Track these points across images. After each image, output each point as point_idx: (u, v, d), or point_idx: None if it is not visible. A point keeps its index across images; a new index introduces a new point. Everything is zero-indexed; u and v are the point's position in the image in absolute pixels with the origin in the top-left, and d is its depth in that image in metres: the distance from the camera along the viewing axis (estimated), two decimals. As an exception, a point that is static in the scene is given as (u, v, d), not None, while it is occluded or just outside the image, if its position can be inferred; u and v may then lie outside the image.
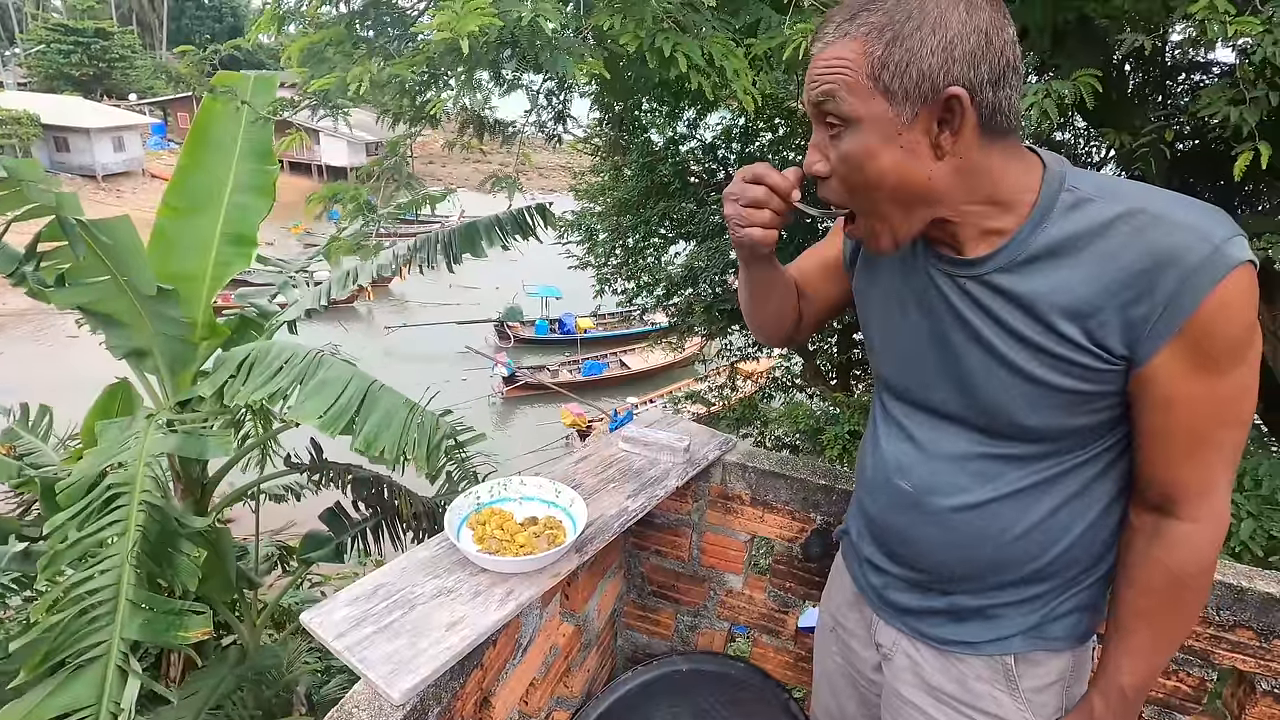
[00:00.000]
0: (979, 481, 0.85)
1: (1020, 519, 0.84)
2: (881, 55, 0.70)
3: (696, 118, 6.85)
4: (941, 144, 0.73)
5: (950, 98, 0.70)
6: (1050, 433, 0.81)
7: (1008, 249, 0.78)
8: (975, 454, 0.85)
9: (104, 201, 23.15)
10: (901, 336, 0.91)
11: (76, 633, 2.33)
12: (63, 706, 2.21)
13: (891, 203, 0.76)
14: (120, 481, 2.73)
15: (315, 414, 2.71)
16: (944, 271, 0.83)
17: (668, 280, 7.41)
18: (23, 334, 16.38)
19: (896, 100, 0.71)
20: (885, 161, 0.73)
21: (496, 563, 0.96)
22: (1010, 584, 0.88)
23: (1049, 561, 0.86)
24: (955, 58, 0.69)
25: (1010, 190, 0.77)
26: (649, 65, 2.41)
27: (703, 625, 1.55)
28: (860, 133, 0.73)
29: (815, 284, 1.07)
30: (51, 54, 31.63)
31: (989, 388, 0.81)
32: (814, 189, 0.85)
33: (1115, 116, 3.24)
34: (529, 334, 17.97)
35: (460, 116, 3.19)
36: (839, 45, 0.73)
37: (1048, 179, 0.77)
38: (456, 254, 3.94)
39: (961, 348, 0.83)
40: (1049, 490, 0.83)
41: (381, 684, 0.79)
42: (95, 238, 3.01)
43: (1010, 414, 0.81)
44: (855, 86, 0.72)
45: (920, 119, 0.71)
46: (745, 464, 1.38)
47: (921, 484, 0.89)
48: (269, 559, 5.03)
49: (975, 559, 0.88)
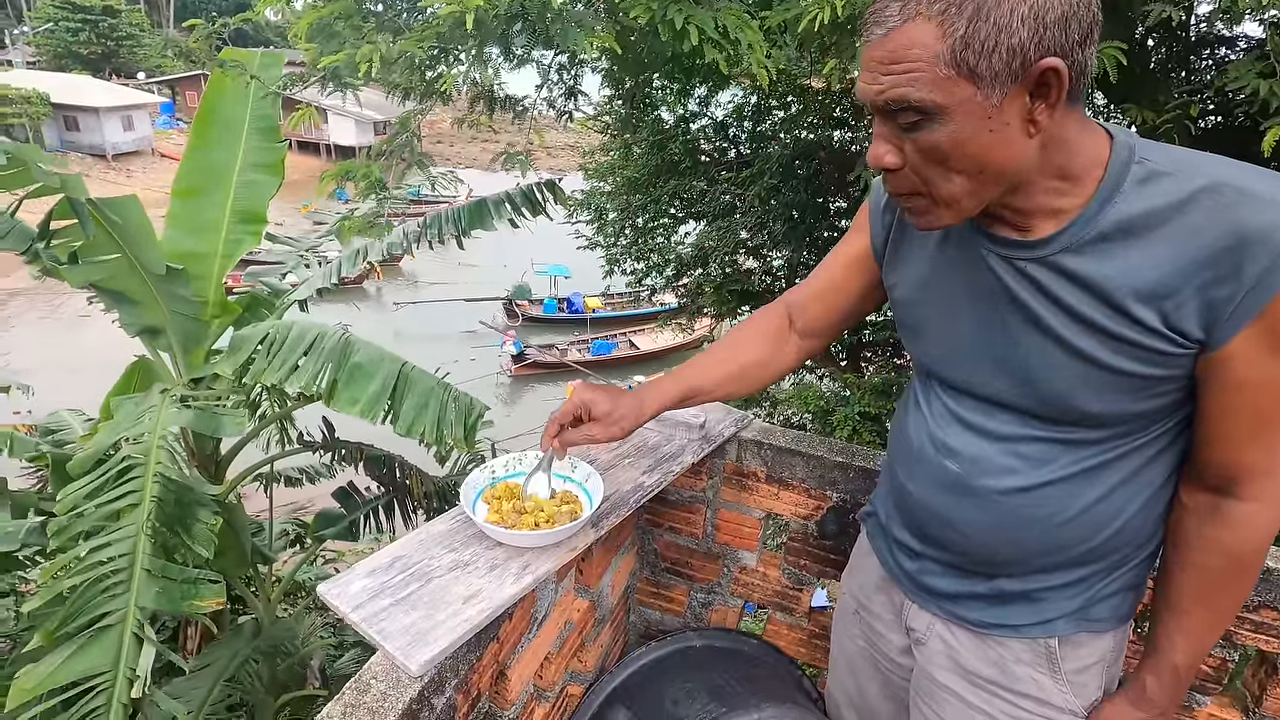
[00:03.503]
0: (1030, 465, 0.82)
1: (1072, 503, 0.81)
2: (964, 35, 0.62)
3: (708, 95, 6.76)
4: (1037, 119, 0.66)
5: (1046, 70, 0.63)
6: (1112, 418, 0.77)
7: (1073, 228, 0.72)
8: (1028, 436, 0.82)
9: (114, 181, 23.21)
10: (948, 324, 0.86)
11: (92, 600, 2.36)
12: (80, 672, 2.24)
13: (970, 185, 0.70)
14: (135, 454, 2.76)
15: (353, 402, 2.69)
16: (999, 254, 0.78)
17: (677, 260, 7.36)
18: (37, 312, 16.51)
19: (984, 83, 0.63)
20: (975, 148, 0.67)
21: (512, 536, 0.96)
22: (1058, 567, 0.86)
23: (1098, 544, 0.83)
24: (1048, 23, 0.62)
25: (1082, 163, 0.71)
26: (661, 38, 2.36)
27: (716, 602, 1.55)
28: (944, 123, 0.66)
29: (841, 283, 1.03)
30: (60, 32, 31.60)
31: (1049, 375, 0.77)
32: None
33: (1138, 92, 3.17)
34: (537, 313, 17.97)
35: (470, 93, 3.15)
36: (908, 29, 0.64)
37: (1116, 150, 0.71)
38: (465, 229, 3.92)
39: (1019, 334, 0.78)
40: (1103, 474, 0.80)
41: (399, 655, 0.79)
42: (105, 216, 3.01)
43: (1072, 401, 0.77)
44: (934, 79, 0.64)
45: (1011, 97, 0.64)
46: (761, 441, 1.37)
47: (969, 466, 0.86)
48: (284, 535, 5.10)
49: (1023, 543, 0.85)
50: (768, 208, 5.82)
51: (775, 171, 5.59)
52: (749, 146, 6.72)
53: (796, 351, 1.09)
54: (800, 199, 5.60)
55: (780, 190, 5.67)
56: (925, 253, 0.88)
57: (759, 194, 5.71)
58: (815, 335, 1.09)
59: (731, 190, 6.40)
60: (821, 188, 5.69)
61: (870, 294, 1.03)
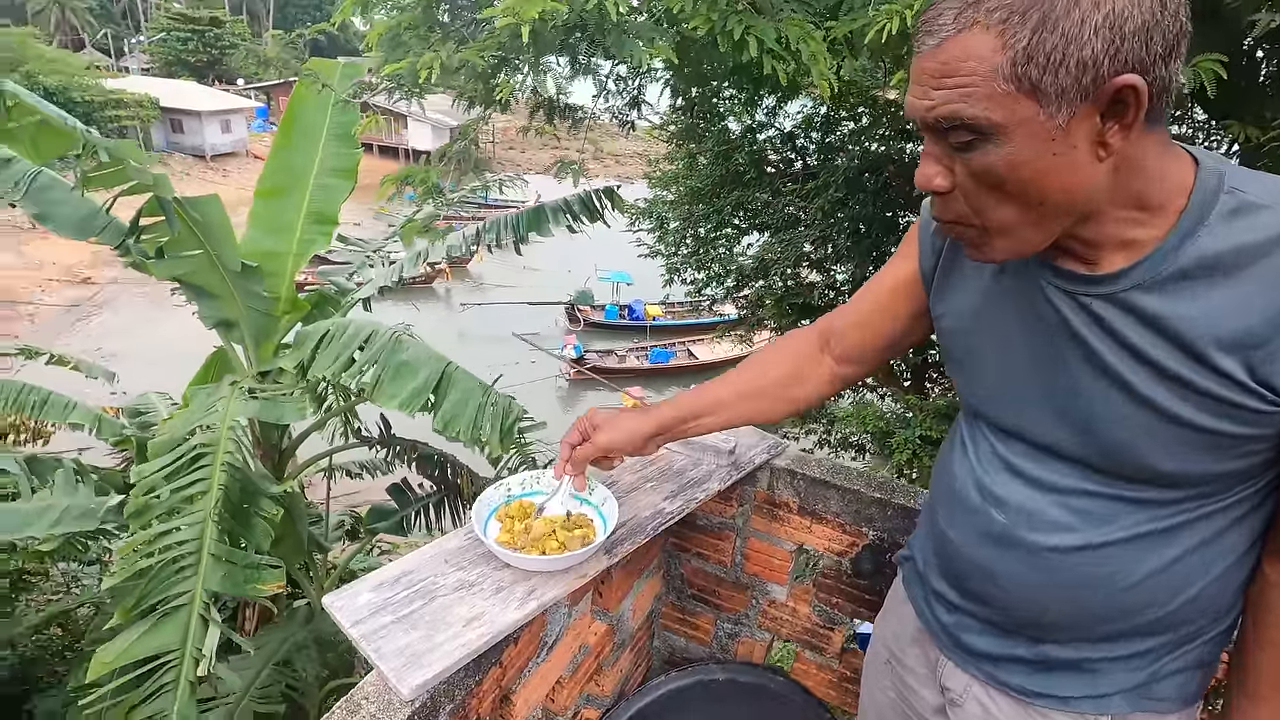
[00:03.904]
0: (1087, 522, 0.73)
1: (1134, 568, 0.72)
2: (1028, 46, 0.55)
3: (776, 105, 6.66)
4: (1109, 142, 0.58)
5: (1123, 88, 0.55)
6: (1187, 478, 0.69)
7: (1149, 262, 0.64)
8: (1086, 491, 0.74)
9: (211, 180, 24.79)
10: (1000, 361, 0.78)
11: (165, 581, 2.50)
12: (154, 648, 2.38)
13: (1027, 216, 0.62)
14: (206, 442, 2.91)
15: (393, 397, 2.78)
16: (1063, 289, 0.70)
17: (738, 271, 7.27)
18: (139, 301, 17.69)
19: (1049, 100, 0.56)
20: (1033, 173, 0.59)
21: (520, 560, 0.93)
22: (1115, 637, 0.77)
23: (1163, 615, 0.74)
24: (1126, 34, 0.54)
25: (1163, 191, 0.63)
26: (720, 49, 2.32)
27: (743, 634, 1.49)
28: (1001, 144, 0.58)
29: (885, 309, 0.95)
30: (171, 41, 34.06)
31: (1115, 427, 0.69)
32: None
33: (1241, 107, 2.92)
34: (599, 318, 18.15)
35: (530, 101, 3.20)
36: (964, 39, 0.57)
37: (1202, 177, 0.63)
38: (523, 235, 3.99)
39: (1081, 380, 0.70)
40: (1172, 538, 0.71)
41: (392, 677, 0.77)
42: (188, 214, 3.19)
43: (1140, 457, 0.68)
44: (991, 95, 0.57)
45: (1080, 117, 0.57)
46: (794, 470, 1.30)
47: (1017, 517, 0.77)
48: (340, 526, 5.28)
49: (1075, 606, 0.76)
50: (832, 221, 5.68)
51: (841, 184, 5.46)
52: (816, 158, 6.58)
53: (830, 377, 1.03)
54: (867, 213, 5.45)
55: (846, 203, 5.52)
56: (979, 282, 0.80)
57: (823, 206, 5.58)
58: (853, 362, 1.02)
59: (795, 202, 6.27)
60: (890, 202, 5.51)
61: (916, 323, 0.95)
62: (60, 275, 18.21)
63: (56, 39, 34.01)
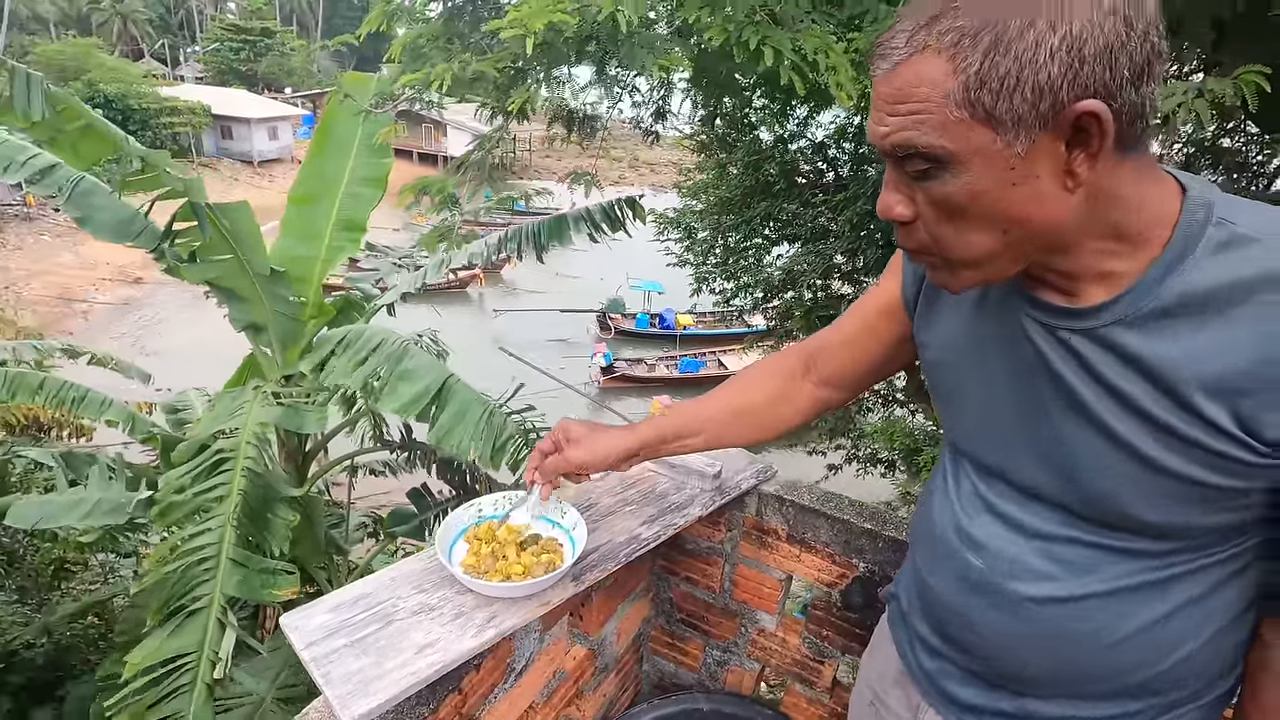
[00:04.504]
0: (1070, 571, 0.69)
1: (1120, 623, 0.68)
2: (980, 70, 0.52)
3: (809, 115, 6.58)
4: (1075, 171, 0.55)
5: (1082, 115, 0.52)
6: (1174, 531, 0.64)
7: (1129, 296, 0.60)
8: (1068, 538, 0.69)
9: (259, 185, 25.58)
10: (981, 397, 0.74)
11: (186, 585, 2.56)
12: (175, 649, 2.43)
13: (993, 245, 0.59)
14: (228, 447, 2.97)
15: (394, 402, 2.84)
16: (1041, 322, 0.66)
17: (767, 282, 7.19)
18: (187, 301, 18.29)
19: (1005, 128, 0.53)
20: (993, 203, 0.56)
21: (481, 586, 0.91)
22: (1104, 696, 0.72)
23: (1154, 676, 0.69)
24: (1085, 57, 0.50)
25: (1142, 221, 0.59)
26: (736, 60, 2.29)
27: (732, 662, 1.44)
28: (958, 174, 0.56)
29: (869, 332, 0.92)
30: (224, 51, 35.32)
31: (1095, 473, 0.65)
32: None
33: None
34: (629, 326, 18.13)
35: (548, 111, 3.21)
36: (915, 64, 0.54)
37: (1188, 208, 0.59)
38: (545, 244, 4.01)
39: (1062, 422, 0.66)
40: (1161, 592, 0.66)
41: (337, 704, 0.76)
42: (219, 220, 3.28)
43: (1124, 506, 0.64)
44: (944, 122, 0.54)
45: (1041, 145, 0.53)
46: (783, 496, 1.26)
47: (995, 563, 0.73)
48: (361, 527, 5.34)
49: (1058, 661, 0.72)
50: (863, 233, 5.59)
51: (871, 195, 5.36)
52: (848, 169, 6.49)
53: (810, 400, 0.99)
54: (898, 225, 5.33)
55: (876, 215, 5.42)
56: (960, 311, 0.76)
57: (851, 219, 5.49)
58: (836, 386, 0.98)
59: (825, 213, 6.19)
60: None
61: (901, 348, 0.91)
62: (113, 275, 18.93)
63: (118, 49, 35.54)
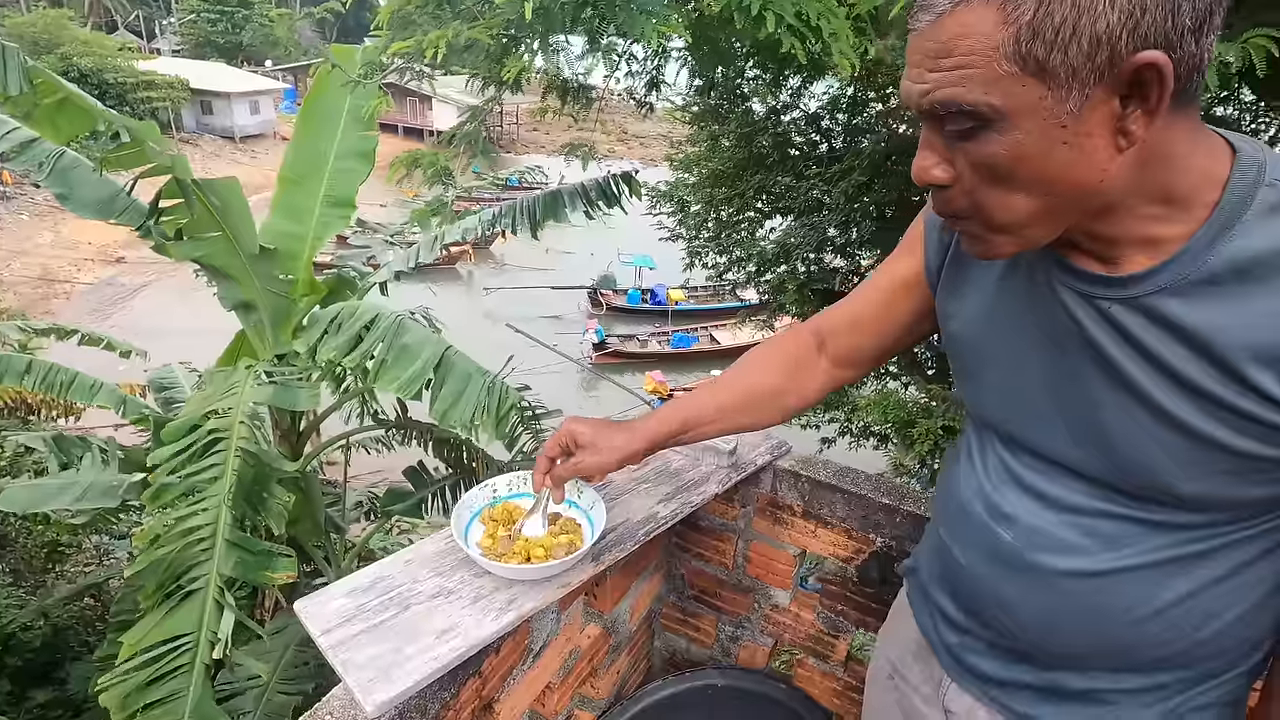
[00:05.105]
0: (1103, 544, 0.67)
1: (1153, 596, 0.66)
2: (1033, 20, 0.48)
3: (801, 86, 6.49)
4: (1129, 129, 0.51)
5: (1143, 67, 0.48)
6: (1212, 503, 0.62)
7: (1176, 264, 0.57)
8: (1101, 511, 0.67)
9: (241, 161, 25.07)
10: (1009, 369, 0.71)
11: (181, 566, 2.53)
12: (170, 631, 2.41)
13: (1036, 208, 0.56)
14: (220, 427, 2.92)
15: (393, 380, 2.80)
16: (1079, 291, 0.63)
17: (760, 256, 7.14)
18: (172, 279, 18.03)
19: (1058, 82, 0.49)
20: (1041, 164, 0.53)
21: (500, 569, 0.89)
22: (1131, 668, 0.71)
23: (1184, 649, 0.68)
24: (1147, 4, 0.47)
25: (1191, 183, 0.55)
26: (737, 25, 2.23)
27: (745, 638, 1.44)
28: (1005, 132, 0.52)
29: (885, 308, 0.89)
30: (200, 23, 34.34)
31: (1132, 444, 0.62)
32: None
33: (1295, 86, 2.74)
34: (621, 302, 18.06)
35: (543, 82, 3.13)
36: (961, 14, 0.50)
37: (1239, 169, 0.55)
38: (539, 220, 3.94)
39: (1098, 392, 0.63)
40: (1198, 565, 0.65)
41: (358, 692, 0.74)
42: (207, 197, 3.19)
43: (1160, 478, 0.62)
44: (993, 77, 0.50)
45: (1095, 101, 0.50)
46: (799, 472, 1.24)
47: (1025, 536, 0.71)
48: (359, 506, 5.33)
49: (1086, 634, 0.70)
50: (857, 205, 5.54)
51: (866, 167, 5.30)
52: (842, 140, 6.41)
53: (825, 380, 0.96)
54: (892, 197, 5.28)
55: (871, 187, 5.36)
56: (988, 281, 0.73)
57: (846, 190, 5.44)
58: (849, 364, 0.95)
59: (819, 186, 6.13)
60: (916, 186, 5.35)
61: (920, 323, 0.88)
62: (95, 255, 18.60)
63: (90, 21, 34.50)
